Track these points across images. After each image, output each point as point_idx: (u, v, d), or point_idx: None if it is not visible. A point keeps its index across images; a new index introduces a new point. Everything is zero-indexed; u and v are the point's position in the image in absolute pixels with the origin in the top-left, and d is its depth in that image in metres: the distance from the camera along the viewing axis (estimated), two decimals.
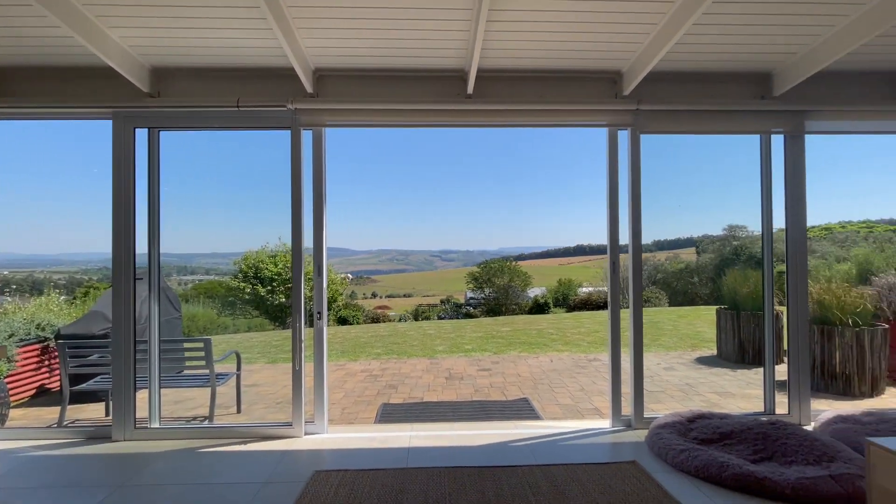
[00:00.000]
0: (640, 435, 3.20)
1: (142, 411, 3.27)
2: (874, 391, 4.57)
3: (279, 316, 13.58)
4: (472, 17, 2.60)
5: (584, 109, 3.29)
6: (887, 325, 4.84)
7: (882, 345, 4.67)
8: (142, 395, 3.29)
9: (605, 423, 3.46)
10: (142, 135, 3.27)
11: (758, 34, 2.85)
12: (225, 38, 2.84)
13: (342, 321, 14.65)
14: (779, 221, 3.55)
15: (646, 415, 3.37)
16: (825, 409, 3.50)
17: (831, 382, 4.67)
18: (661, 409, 4.03)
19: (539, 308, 21.38)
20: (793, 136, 3.41)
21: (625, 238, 3.44)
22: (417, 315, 23.70)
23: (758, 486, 2.36)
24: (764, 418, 3.11)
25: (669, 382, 5.13)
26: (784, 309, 6.56)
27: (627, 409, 3.41)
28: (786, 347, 3.71)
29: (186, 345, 3.86)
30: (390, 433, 3.30)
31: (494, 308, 21.85)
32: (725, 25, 2.76)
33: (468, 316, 20.87)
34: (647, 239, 3.37)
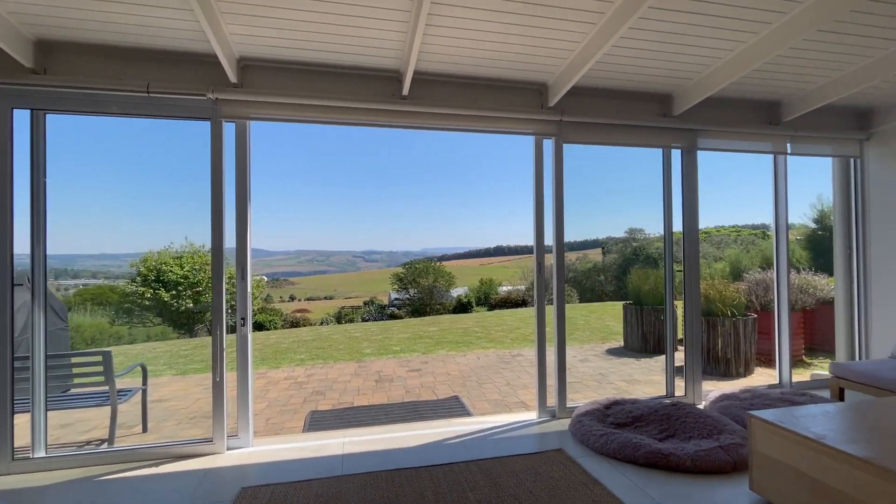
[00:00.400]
0: (564, 424, 3.43)
1: (21, 439, 2.81)
2: (747, 371, 5.36)
3: (185, 323, 12.38)
4: (409, 20, 2.62)
5: (513, 118, 3.46)
6: (756, 315, 5.71)
7: (752, 332, 5.50)
8: (20, 420, 2.82)
9: (531, 415, 3.66)
10: (23, 117, 2.81)
11: (662, 60, 3.21)
12: (133, 13, 2.54)
13: (259, 326, 13.76)
14: (675, 226, 4.02)
15: (568, 405, 3.62)
16: (712, 389, 4.03)
17: (715, 366, 5.39)
18: (579, 398, 4.34)
19: (462, 307, 21.90)
20: (688, 151, 3.89)
21: (549, 239, 3.67)
22: (340, 318, 23.03)
23: (665, 462, 2.66)
24: (667, 401, 3.51)
25: (585, 373, 5.55)
26: (679, 303, 7.46)
27: (551, 400, 3.64)
28: (680, 337, 4.22)
29: (81, 359, 3.38)
30: (322, 441, 3.19)
31: (419, 308, 21.97)
32: (637, 50, 3.07)
33: (393, 317, 20.73)
34: (547, 241, 3.63)
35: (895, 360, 3.82)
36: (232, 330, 3.14)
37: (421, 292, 22.67)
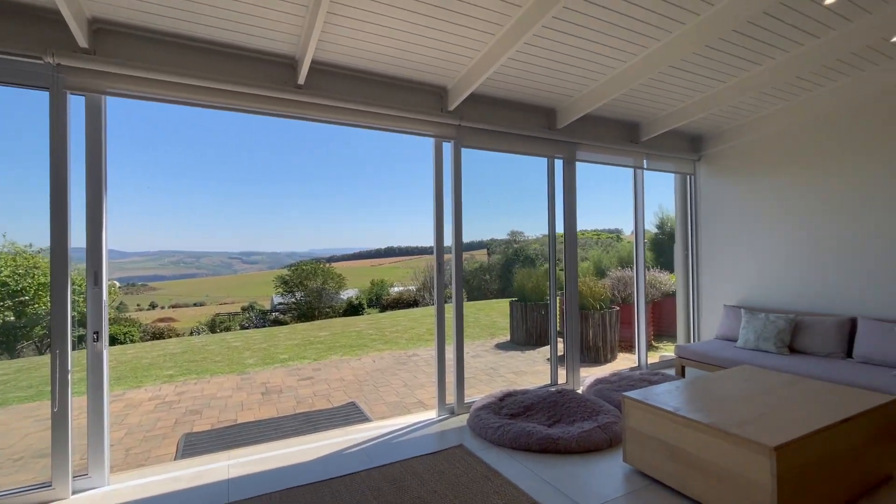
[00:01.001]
0: (462, 419, 3.53)
1: None
2: (612, 357, 6.13)
3: (3, 342, 9.92)
4: (309, 4, 2.45)
5: (413, 118, 3.46)
6: (618, 308, 6.57)
7: (616, 322, 6.31)
8: None
9: (431, 414, 3.70)
10: None
11: (549, 76, 3.51)
12: None
13: (111, 340, 11.62)
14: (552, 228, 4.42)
15: (466, 400, 3.74)
16: (587, 375, 4.51)
17: (587, 354, 6.06)
18: (474, 393, 4.52)
19: (354, 309, 21.32)
20: (569, 161, 4.31)
21: (447, 240, 3.75)
22: (215, 326, 20.71)
23: (555, 446, 2.90)
24: (552, 389, 3.83)
25: (478, 368, 5.80)
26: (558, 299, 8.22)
27: (450, 397, 3.72)
28: (559, 329, 4.66)
29: None
30: (202, 467, 2.81)
31: (307, 313, 20.78)
32: (529, 64, 3.30)
33: (277, 323, 19.30)
34: (448, 241, 3.75)
35: (719, 340, 4.72)
36: (78, 346, 2.59)
37: (309, 295, 21.46)
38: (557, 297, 4.48)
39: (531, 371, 5.65)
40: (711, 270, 5.20)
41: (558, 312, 4.66)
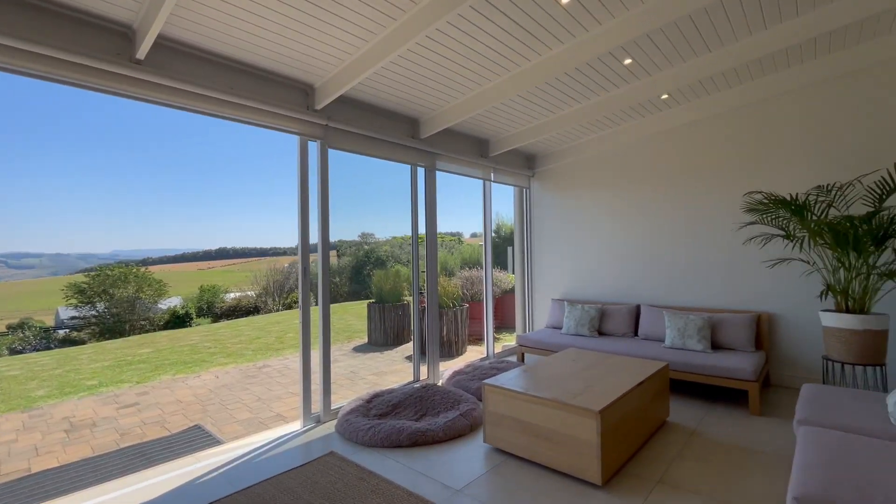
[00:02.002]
0: (330, 427, 3.46)
1: None
2: (464, 350, 6.69)
3: None
4: None
5: (277, 113, 3.27)
6: (468, 305, 7.20)
7: (466, 318, 6.91)
8: None
9: (295, 426, 3.53)
10: None
11: (416, 89, 3.70)
12: None
13: None
14: (401, 231, 4.67)
15: (332, 407, 3.68)
16: (445, 369, 4.87)
17: (442, 348, 6.49)
18: (337, 399, 4.44)
19: (179, 321, 18.44)
20: (430, 169, 4.59)
21: (292, 241, 3.63)
22: None
23: (424, 438, 3.09)
24: (417, 384, 4.04)
25: (338, 373, 5.70)
26: (409, 299, 8.54)
27: (316, 406, 3.61)
28: (412, 328, 4.93)
29: None
30: None
31: (114, 327, 17.09)
32: (398, 75, 3.44)
33: (70, 342, 15.42)
34: (290, 243, 3.70)
35: (549, 329, 5.60)
36: None
37: (116, 306, 17.67)
38: (417, 297, 4.72)
39: (391, 370, 5.79)
40: (541, 270, 6.13)
41: (412, 313, 4.91)
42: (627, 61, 3.62)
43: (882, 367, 3.28)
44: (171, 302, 21.36)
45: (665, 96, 4.38)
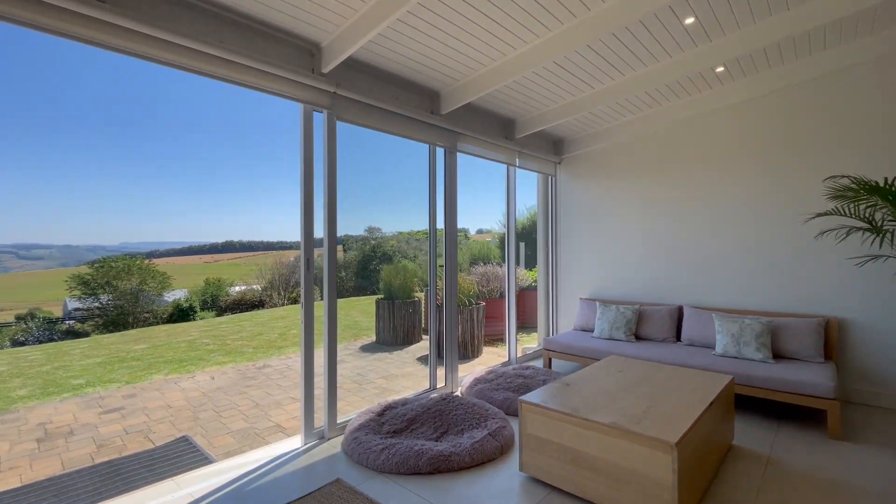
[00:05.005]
0: (336, 445, 2.97)
1: None
2: (479, 352, 6.18)
3: None
4: None
5: (276, 75, 2.76)
6: (484, 303, 6.68)
7: (482, 317, 6.40)
8: None
9: (295, 442, 3.04)
10: None
11: (437, 52, 3.17)
12: None
13: None
14: (416, 225, 4.16)
15: (338, 420, 3.19)
16: (464, 375, 4.36)
17: (458, 350, 5.98)
18: (344, 406, 3.96)
19: (183, 314, 18.11)
20: (450, 151, 4.07)
21: (295, 235, 3.13)
22: None
23: (448, 464, 2.58)
24: (434, 394, 3.53)
25: (344, 376, 5.21)
26: (422, 296, 8.05)
27: (319, 419, 3.13)
28: (427, 328, 4.42)
29: None
30: None
31: (117, 320, 16.78)
32: (417, 32, 2.91)
33: (73, 334, 15.13)
34: (296, 237, 3.20)
35: (577, 331, 5.06)
36: None
37: (120, 298, 17.36)
38: (425, 293, 4.21)
39: (402, 374, 5.30)
40: (568, 266, 5.59)
41: (424, 309, 4.40)
42: (689, 20, 3.06)
43: None
44: (175, 295, 21.07)
45: (720, 69, 3.81)
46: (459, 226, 4.20)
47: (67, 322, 19.18)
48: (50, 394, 4.78)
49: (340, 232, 3.06)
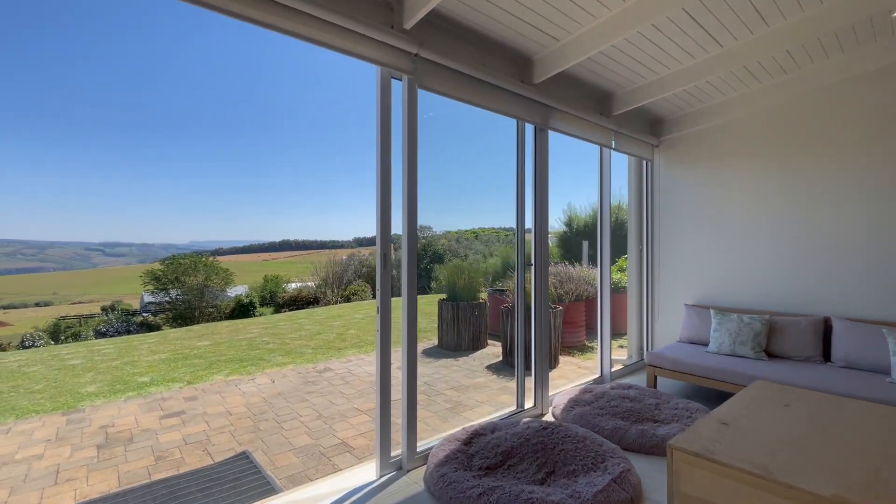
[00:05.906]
0: (416, 479, 2.46)
1: None
2: (556, 363, 5.50)
3: None
4: None
5: (350, 30, 2.27)
6: (562, 307, 5.98)
7: (560, 323, 5.70)
8: None
9: (369, 473, 2.56)
10: None
11: (532, 9, 2.57)
12: None
13: None
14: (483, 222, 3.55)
15: (418, 447, 2.67)
16: (554, 393, 3.73)
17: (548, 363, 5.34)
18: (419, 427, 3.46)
19: (243, 310, 18.71)
20: (541, 128, 3.45)
21: (348, 235, 2.63)
22: (58, 332, 16.69)
23: None
24: (528, 419, 2.93)
25: None
26: (485, 297, 7.46)
27: (397, 445, 2.63)
28: (513, 335, 3.81)
29: None
30: None
31: (184, 314, 17.57)
32: None
33: (147, 327, 15.97)
34: (348, 236, 2.71)
35: (685, 343, 4.26)
36: None
37: (187, 293, 18.18)
38: (492, 295, 3.60)
39: (473, 385, 4.74)
40: (668, 266, 4.79)
41: (518, 312, 3.79)
42: None
43: None
44: (237, 290, 21.87)
45: None
46: (504, 224, 3.57)
47: (143, 314, 20.43)
48: (117, 391, 4.67)
49: (393, 230, 2.55)
